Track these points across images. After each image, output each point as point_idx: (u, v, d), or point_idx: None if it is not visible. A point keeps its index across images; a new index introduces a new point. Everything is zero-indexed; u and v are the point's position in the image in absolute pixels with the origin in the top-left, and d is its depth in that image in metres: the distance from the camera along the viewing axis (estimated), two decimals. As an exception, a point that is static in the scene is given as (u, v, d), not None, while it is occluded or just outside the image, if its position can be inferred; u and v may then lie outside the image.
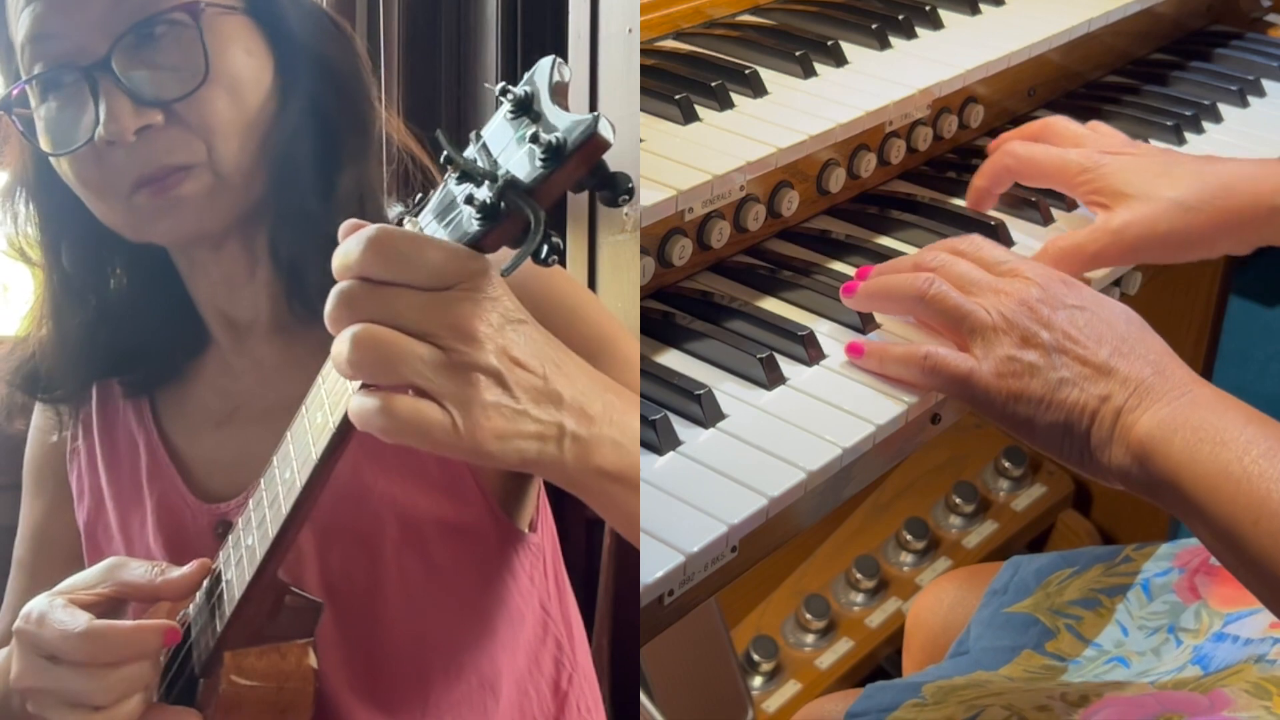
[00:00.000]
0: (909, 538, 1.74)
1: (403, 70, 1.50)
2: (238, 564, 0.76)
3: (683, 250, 0.96)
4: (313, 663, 0.79)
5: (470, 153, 0.60)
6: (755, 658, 1.60)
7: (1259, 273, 1.77)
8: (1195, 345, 1.66)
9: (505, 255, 0.58)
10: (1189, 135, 1.23)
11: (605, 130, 0.55)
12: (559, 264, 0.58)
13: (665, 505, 0.76)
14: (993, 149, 1.08)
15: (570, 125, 0.56)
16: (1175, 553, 1.11)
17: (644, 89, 1.04)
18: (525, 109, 0.57)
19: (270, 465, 0.73)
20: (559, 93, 0.58)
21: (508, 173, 0.57)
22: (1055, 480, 1.81)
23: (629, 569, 1.21)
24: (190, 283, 0.93)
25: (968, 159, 1.15)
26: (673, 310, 0.95)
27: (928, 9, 1.21)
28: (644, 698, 1.22)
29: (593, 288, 1.34)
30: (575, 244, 1.37)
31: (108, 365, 0.95)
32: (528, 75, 0.59)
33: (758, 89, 1.06)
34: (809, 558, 1.73)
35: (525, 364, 0.60)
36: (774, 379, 0.87)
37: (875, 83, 1.09)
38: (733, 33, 1.18)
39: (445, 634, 0.92)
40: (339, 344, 0.58)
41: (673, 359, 0.91)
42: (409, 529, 0.90)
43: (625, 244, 1.28)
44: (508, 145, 0.58)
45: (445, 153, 0.59)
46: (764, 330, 0.92)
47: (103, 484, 0.97)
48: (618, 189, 0.57)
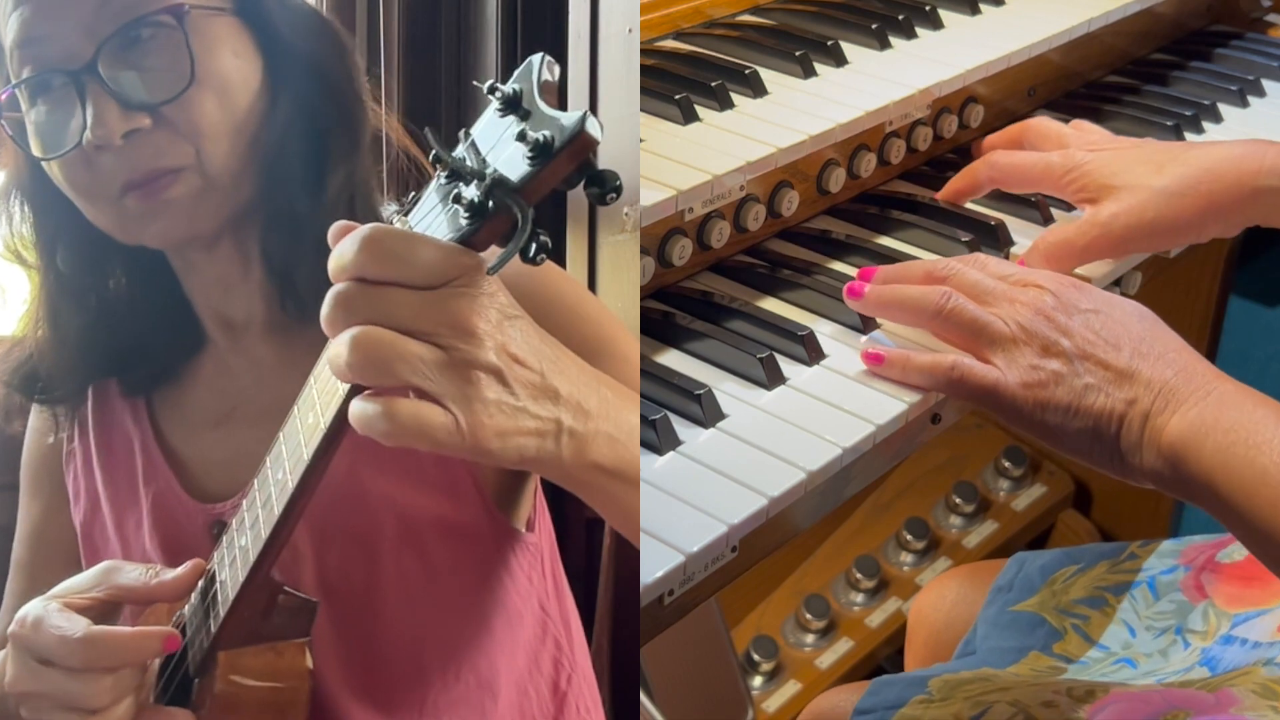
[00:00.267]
0: (909, 538, 1.73)
1: (403, 70, 1.50)
2: (231, 564, 0.76)
3: (683, 250, 0.96)
4: (309, 662, 0.79)
5: (459, 151, 0.60)
6: (755, 658, 1.60)
7: (1259, 273, 1.77)
8: (1195, 345, 1.63)
9: (495, 255, 0.58)
10: (1189, 135, 1.23)
11: (593, 128, 0.55)
12: (550, 262, 0.58)
13: (665, 505, 0.76)
14: (977, 154, 1.08)
15: (558, 123, 0.55)
16: (1180, 549, 1.11)
17: (644, 89, 1.04)
18: (514, 107, 0.57)
19: (263, 465, 0.73)
20: (547, 90, 0.57)
21: (495, 171, 0.57)
22: (1055, 480, 1.81)
23: (629, 569, 1.20)
24: (186, 283, 0.93)
25: (968, 159, 1.15)
26: (673, 310, 0.95)
27: (928, 9, 1.21)
28: (644, 698, 1.22)
29: (593, 288, 1.34)
30: (575, 244, 1.37)
31: (104, 366, 0.95)
32: (516, 73, 0.58)
33: (758, 89, 1.06)
34: (809, 558, 1.73)
35: (523, 360, 0.60)
36: (774, 379, 0.87)
37: (875, 83, 1.09)
38: (733, 33, 1.18)
39: (443, 634, 0.92)
40: (337, 347, 0.58)
41: (673, 359, 0.91)
42: (406, 529, 0.90)
43: (625, 244, 1.28)
44: (496, 143, 0.58)
45: (434, 151, 0.59)
46: (764, 330, 0.92)
47: (98, 485, 0.97)
48: (606, 186, 0.56)
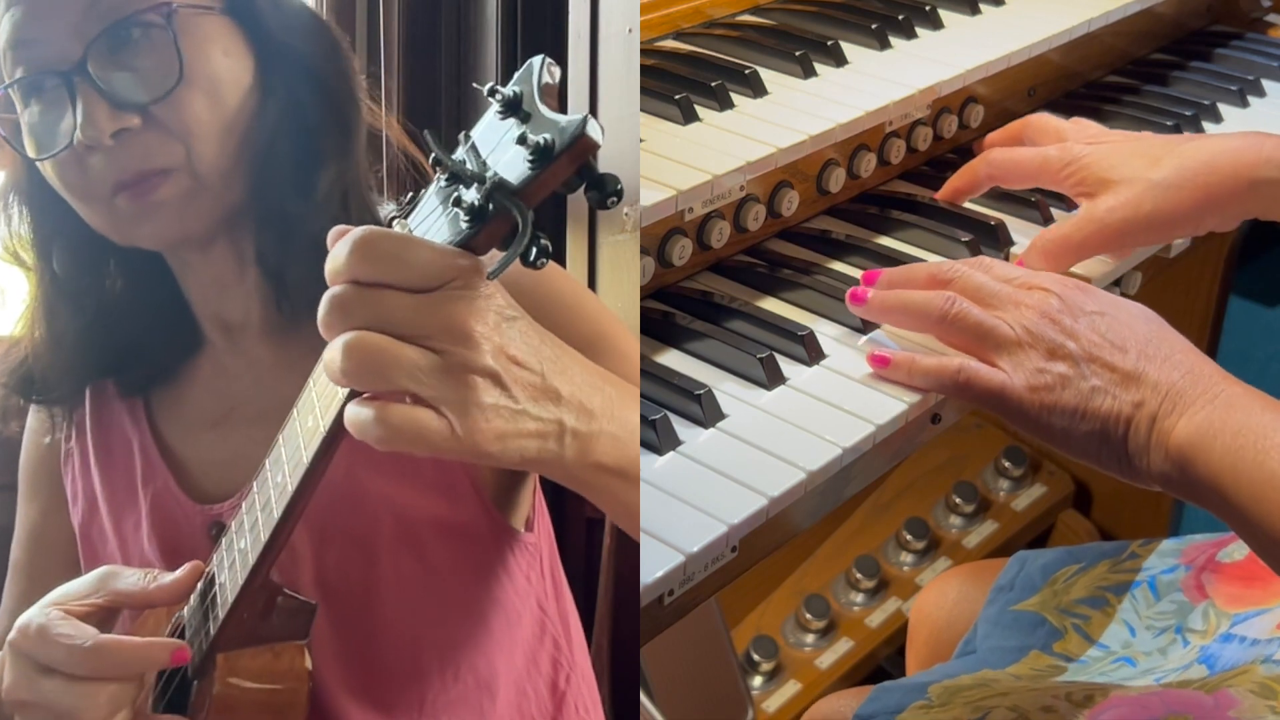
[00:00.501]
0: (909, 538, 1.73)
1: (403, 70, 1.49)
2: (230, 567, 0.76)
3: (683, 250, 0.96)
4: (307, 664, 0.79)
5: (459, 154, 0.59)
6: (755, 658, 1.60)
7: (1259, 273, 1.76)
8: (1195, 345, 1.65)
9: (496, 257, 0.58)
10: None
11: (594, 131, 0.55)
12: (551, 264, 0.58)
13: (665, 505, 0.76)
14: (977, 153, 1.08)
15: (559, 126, 0.55)
16: (1181, 549, 1.11)
17: (644, 89, 1.03)
18: (514, 109, 0.57)
19: (262, 468, 0.73)
20: (548, 93, 0.57)
21: (495, 174, 0.56)
22: (1055, 480, 1.81)
23: (629, 569, 1.20)
24: (183, 284, 0.93)
25: (968, 159, 1.15)
26: (673, 310, 0.95)
27: (928, 9, 1.20)
28: (644, 698, 1.22)
29: (593, 288, 1.34)
30: (575, 244, 1.37)
31: (102, 367, 0.95)
32: (516, 75, 0.58)
33: (758, 89, 1.06)
34: (809, 558, 1.73)
35: (522, 361, 0.60)
36: (774, 379, 0.87)
37: (875, 83, 1.09)
38: (733, 33, 1.18)
39: (441, 634, 0.92)
40: (331, 352, 0.58)
41: (673, 359, 0.91)
42: (404, 529, 0.90)
43: (625, 244, 1.28)
44: (496, 146, 0.58)
45: (434, 154, 0.59)
46: (764, 330, 0.91)
47: (96, 485, 0.97)
48: (606, 190, 0.56)
